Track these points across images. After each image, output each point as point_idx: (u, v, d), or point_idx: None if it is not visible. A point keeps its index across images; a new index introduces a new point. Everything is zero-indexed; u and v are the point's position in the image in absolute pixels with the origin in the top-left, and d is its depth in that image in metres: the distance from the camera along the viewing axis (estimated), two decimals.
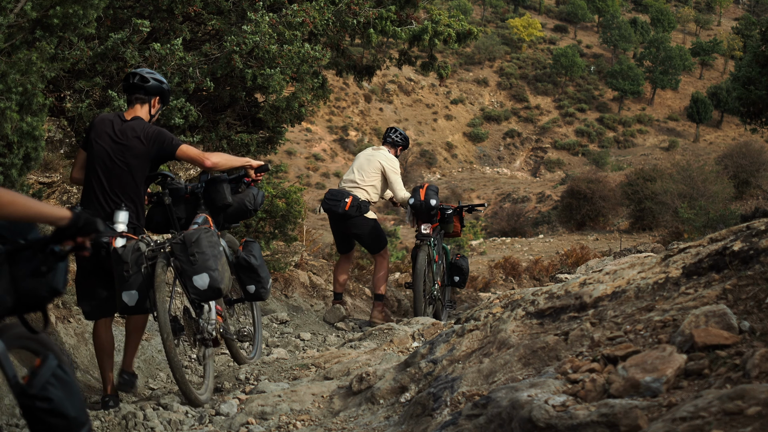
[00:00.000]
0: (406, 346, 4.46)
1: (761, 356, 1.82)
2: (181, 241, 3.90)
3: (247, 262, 4.57)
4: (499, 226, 35.58)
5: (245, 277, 4.63)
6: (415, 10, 8.70)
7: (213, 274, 3.87)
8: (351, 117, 61.97)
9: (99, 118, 4.18)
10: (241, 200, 4.56)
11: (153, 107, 4.23)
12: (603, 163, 55.40)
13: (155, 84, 4.18)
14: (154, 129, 4.13)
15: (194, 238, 3.89)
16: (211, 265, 3.87)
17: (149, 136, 4.08)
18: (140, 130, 4.09)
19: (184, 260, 3.89)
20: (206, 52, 6.54)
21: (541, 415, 1.97)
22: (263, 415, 3.53)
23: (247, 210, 4.60)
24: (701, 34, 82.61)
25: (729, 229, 2.78)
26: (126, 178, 4.06)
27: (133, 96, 4.16)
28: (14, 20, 3.43)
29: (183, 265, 3.89)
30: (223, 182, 4.41)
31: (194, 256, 3.87)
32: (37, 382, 2.07)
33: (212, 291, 3.91)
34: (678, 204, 19.91)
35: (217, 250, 3.95)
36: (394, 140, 7.04)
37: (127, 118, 4.13)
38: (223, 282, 3.93)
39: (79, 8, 3.65)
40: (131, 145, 4.05)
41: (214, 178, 4.43)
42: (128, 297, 3.81)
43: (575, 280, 3.12)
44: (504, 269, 14.84)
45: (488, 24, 79.41)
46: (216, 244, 3.97)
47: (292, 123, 8.09)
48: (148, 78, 4.16)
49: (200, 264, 3.86)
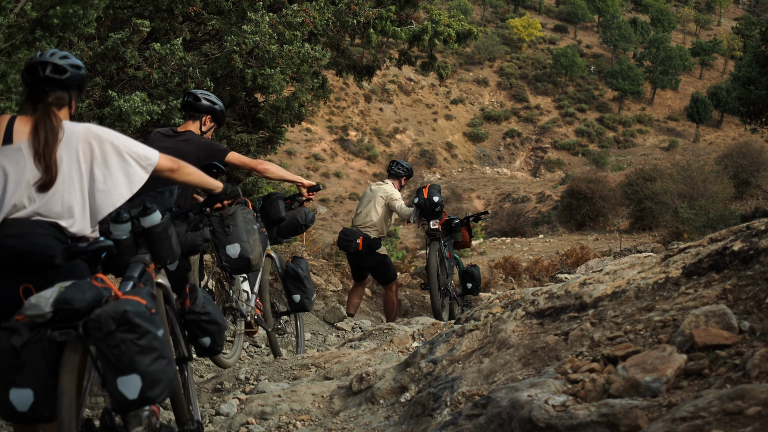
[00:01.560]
0: (406, 346, 4.46)
1: (761, 356, 1.82)
2: (219, 215, 4.17)
3: (294, 272, 5.02)
4: (499, 226, 35.58)
5: (292, 287, 5.04)
6: (415, 10, 8.70)
7: (244, 245, 4.17)
8: (351, 117, 61.97)
9: (154, 131, 4.63)
10: (294, 216, 5.02)
11: (204, 124, 4.64)
12: (603, 163, 55.41)
13: (207, 104, 4.62)
14: (205, 139, 4.58)
15: (231, 212, 4.19)
16: (243, 237, 4.18)
17: (200, 144, 4.51)
18: (191, 139, 4.53)
19: (220, 231, 4.18)
20: (206, 52, 6.54)
21: (541, 415, 1.97)
22: (263, 415, 3.53)
23: (299, 225, 5.06)
24: (701, 34, 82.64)
25: (729, 229, 2.78)
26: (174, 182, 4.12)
27: (186, 112, 4.64)
28: (14, 20, 3.43)
29: (218, 235, 4.18)
30: (279, 198, 4.87)
31: (229, 228, 4.18)
32: (198, 302, 3.08)
33: (242, 260, 4.19)
34: (678, 204, 19.91)
35: (250, 225, 4.26)
36: (397, 172, 7.42)
37: (179, 131, 4.59)
38: (253, 253, 4.21)
39: (79, 8, 3.65)
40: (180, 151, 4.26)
41: (271, 194, 4.91)
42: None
43: (575, 280, 3.12)
44: (504, 269, 14.84)
45: (488, 24, 79.41)
46: (250, 220, 4.27)
47: (292, 123, 8.10)
48: (201, 98, 4.61)
49: (233, 235, 4.17)
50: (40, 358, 2.37)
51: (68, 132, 2.73)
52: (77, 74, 2.82)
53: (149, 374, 2.36)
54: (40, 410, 2.41)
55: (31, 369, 2.37)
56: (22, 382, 2.37)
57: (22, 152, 2.68)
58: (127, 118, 5.86)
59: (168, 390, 2.43)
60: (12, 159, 2.67)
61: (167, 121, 6.32)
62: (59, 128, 2.71)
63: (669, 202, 21.43)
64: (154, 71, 6.18)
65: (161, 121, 6.37)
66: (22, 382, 2.37)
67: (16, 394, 2.37)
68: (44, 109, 2.72)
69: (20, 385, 2.37)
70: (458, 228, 7.25)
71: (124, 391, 2.35)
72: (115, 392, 2.35)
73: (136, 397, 2.35)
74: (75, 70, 2.81)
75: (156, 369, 2.37)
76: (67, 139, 2.73)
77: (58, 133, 2.70)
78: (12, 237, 2.59)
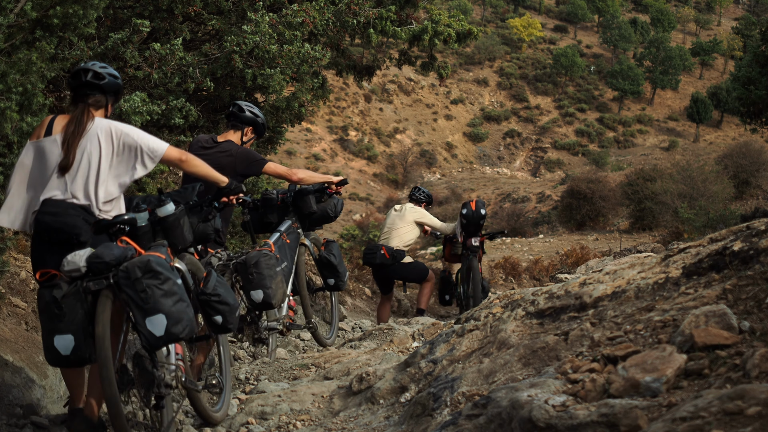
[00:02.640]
0: (406, 346, 4.46)
1: (761, 356, 1.81)
2: (243, 262, 4.49)
3: (327, 260, 5.40)
4: (499, 226, 35.56)
5: (326, 272, 5.46)
6: (415, 10, 8.70)
7: (267, 291, 4.47)
8: (351, 117, 61.95)
9: (195, 139, 4.83)
10: (324, 208, 5.29)
11: (245, 135, 4.81)
12: (603, 163, 55.39)
13: (250, 116, 4.80)
14: (244, 148, 4.74)
15: (254, 261, 4.48)
16: (266, 284, 4.47)
17: (239, 153, 4.67)
18: (230, 148, 4.69)
19: (244, 278, 4.49)
20: (206, 52, 6.53)
21: (541, 415, 1.97)
22: (263, 415, 3.53)
23: (329, 216, 5.34)
24: (701, 34, 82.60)
25: (729, 229, 2.78)
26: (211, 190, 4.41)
27: (230, 123, 4.81)
28: (14, 20, 3.43)
29: (243, 281, 4.52)
30: (309, 193, 5.16)
31: (252, 276, 4.47)
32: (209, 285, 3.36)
33: (265, 305, 4.51)
34: (678, 204, 19.89)
35: (272, 270, 4.54)
36: (419, 198, 7.83)
37: (219, 140, 4.74)
38: (275, 298, 4.51)
39: (79, 8, 3.65)
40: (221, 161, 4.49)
41: (301, 190, 5.16)
42: None
43: (575, 280, 3.12)
44: (504, 269, 14.84)
45: (488, 24, 79.38)
46: (272, 265, 4.56)
47: (292, 123, 8.09)
48: (245, 109, 4.80)
49: (256, 282, 4.46)
50: (78, 307, 2.85)
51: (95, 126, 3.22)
52: (114, 82, 3.32)
53: (172, 314, 2.85)
54: (81, 353, 2.88)
55: (71, 317, 2.83)
56: (64, 329, 2.84)
57: (56, 142, 3.19)
58: (127, 118, 5.85)
59: (189, 329, 2.91)
60: (49, 148, 3.19)
61: (167, 121, 6.32)
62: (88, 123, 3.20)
63: (669, 202, 21.40)
64: (154, 71, 6.17)
65: (161, 121, 6.37)
66: (63, 329, 2.84)
67: (60, 340, 2.84)
68: (82, 108, 3.24)
69: (62, 332, 2.84)
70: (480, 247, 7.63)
71: (152, 329, 2.83)
72: (145, 331, 2.84)
73: (162, 334, 2.84)
74: (112, 78, 3.31)
75: (178, 309, 2.88)
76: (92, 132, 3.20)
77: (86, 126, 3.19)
78: (49, 215, 3.08)
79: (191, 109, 6.40)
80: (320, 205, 5.27)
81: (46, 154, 3.18)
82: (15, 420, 3.55)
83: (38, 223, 3.09)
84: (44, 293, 2.88)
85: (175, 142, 6.82)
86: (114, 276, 2.86)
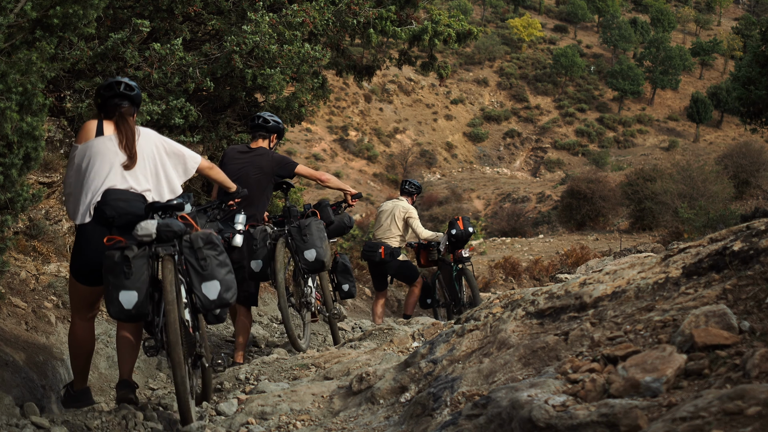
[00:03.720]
0: (406, 346, 4.46)
1: (761, 356, 1.82)
2: (297, 226, 5.24)
3: (344, 266, 6.15)
4: (499, 226, 35.58)
5: (341, 278, 6.10)
6: (415, 10, 8.70)
7: (318, 250, 5.17)
8: (351, 117, 61.95)
9: (230, 148, 5.64)
10: (341, 220, 5.93)
11: (272, 141, 5.64)
12: (603, 163, 55.38)
13: (274, 125, 5.60)
14: (278, 154, 5.59)
15: (307, 223, 5.24)
16: (317, 243, 5.17)
17: (274, 159, 5.49)
18: (265, 155, 5.50)
19: (298, 239, 5.21)
20: (206, 52, 6.53)
21: (541, 415, 1.97)
22: (263, 415, 3.53)
23: (345, 227, 5.98)
24: (701, 34, 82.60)
25: (729, 229, 2.78)
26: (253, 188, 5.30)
27: (258, 133, 5.58)
28: (14, 20, 3.43)
29: (297, 242, 5.21)
30: (328, 206, 5.81)
31: (306, 236, 5.19)
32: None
33: (318, 263, 5.19)
34: (678, 204, 19.89)
35: (323, 233, 5.27)
36: (409, 190, 8.23)
37: (252, 147, 5.55)
38: (326, 257, 5.20)
39: (79, 8, 3.64)
40: (258, 164, 5.43)
41: (320, 202, 5.81)
42: (255, 264, 5.18)
43: (575, 280, 3.12)
44: (504, 269, 14.84)
45: (488, 24, 79.39)
46: (322, 230, 5.28)
47: (292, 123, 8.09)
48: (269, 120, 5.59)
49: (310, 242, 5.17)
50: (144, 268, 3.27)
51: (144, 134, 3.79)
52: (139, 94, 3.87)
53: (225, 281, 3.35)
54: (141, 308, 3.29)
55: (137, 276, 3.25)
56: (130, 285, 3.25)
57: (112, 140, 3.69)
58: None
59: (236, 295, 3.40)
60: (104, 145, 3.66)
61: (167, 121, 6.32)
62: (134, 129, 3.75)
63: (669, 202, 21.39)
64: (154, 71, 6.17)
65: (161, 121, 6.36)
66: (129, 285, 3.25)
67: (125, 295, 3.25)
68: (120, 115, 3.74)
69: (128, 288, 3.25)
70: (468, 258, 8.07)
71: (207, 293, 3.33)
72: (200, 294, 3.34)
73: (215, 298, 3.33)
74: (138, 91, 3.87)
75: (229, 278, 3.37)
76: (144, 139, 3.76)
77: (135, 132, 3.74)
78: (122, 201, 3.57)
79: (191, 109, 6.40)
80: (337, 217, 5.86)
81: (103, 151, 3.64)
82: (15, 420, 3.55)
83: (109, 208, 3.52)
84: (114, 254, 3.28)
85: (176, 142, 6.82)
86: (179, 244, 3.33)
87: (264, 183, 5.45)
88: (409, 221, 7.92)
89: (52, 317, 4.69)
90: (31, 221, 5.48)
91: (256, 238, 5.19)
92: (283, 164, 5.48)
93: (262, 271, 5.18)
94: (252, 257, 5.17)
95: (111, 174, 3.61)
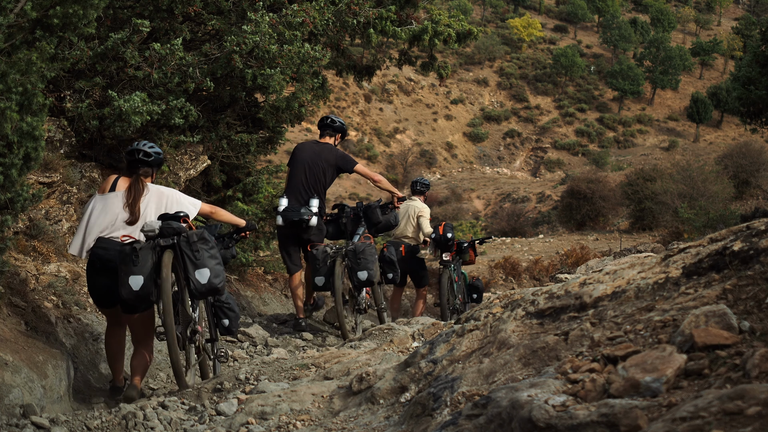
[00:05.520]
0: (406, 346, 4.46)
1: (761, 356, 1.82)
2: (353, 250, 6.19)
3: (389, 258, 7.20)
4: (499, 226, 35.59)
5: (387, 268, 7.19)
6: (415, 10, 8.70)
7: (370, 272, 6.19)
8: (351, 117, 61.94)
9: (301, 143, 6.75)
10: (387, 219, 6.83)
11: (336, 140, 6.75)
12: (603, 163, 55.36)
13: (340, 125, 6.74)
14: (341, 151, 6.66)
15: (362, 248, 6.18)
16: (370, 266, 6.18)
17: (338, 154, 6.59)
18: (332, 149, 6.60)
19: (354, 261, 6.19)
20: (206, 52, 6.53)
21: (541, 415, 1.97)
22: (263, 415, 3.53)
23: (392, 225, 6.96)
24: (701, 34, 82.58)
25: (729, 229, 2.78)
26: (319, 177, 6.48)
27: (326, 131, 6.70)
28: (14, 20, 3.42)
29: (352, 264, 6.20)
30: (377, 207, 6.76)
31: (360, 260, 6.17)
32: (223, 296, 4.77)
33: (368, 282, 6.24)
34: (678, 204, 19.88)
35: (374, 257, 6.24)
36: (420, 189, 8.83)
37: (321, 142, 6.64)
38: (375, 277, 6.26)
39: (79, 8, 3.64)
40: (324, 156, 6.50)
41: (370, 204, 6.82)
42: (318, 280, 6.21)
43: (575, 280, 3.12)
44: (504, 269, 14.84)
45: (488, 24, 79.38)
46: (374, 253, 6.24)
47: (292, 123, 8.09)
48: (336, 121, 6.72)
49: (363, 265, 6.17)
50: (149, 257, 4.05)
51: (152, 191, 4.51)
52: (158, 158, 4.58)
53: (213, 269, 4.10)
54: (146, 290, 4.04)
55: (143, 263, 4.02)
56: (137, 271, 4.01)
57: (119, 197, 4.45)
58: (127, 118, 5.85)
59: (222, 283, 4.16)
60: (113, 200, 4.44)
61: (167, 121, 6.32)
62: (143, 190, 4.47)
63: (669, 202, 21.38)
64: (154, 71, 6.17)
65: (161, 121, 6.36)
66: (137, 271, 4.01)
67: (133, 279, 4.01)
68: (136, 177, 4.50)
69: (136, 273, 4.01)
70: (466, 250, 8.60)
71: (199, 278, 4.08)
72: (194, 279, 4.07)
73: (206, 282, 4.08)
74: (157, 156, 4.57)
75: (217, 268, 4.13)
76: (149, 195, 4.48)
77: (142, 193, 4.46)
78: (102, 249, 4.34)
79: (191, 109, 6.40)
80: (384, 216, 6.75)
81: (110, 206, 4.42)
82: (15, 420, 3.55)
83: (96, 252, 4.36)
84: (126, 248, 4.07)
85: (176, 142, 6.82)
86: (177, 239, 4.09)
87: (328, 172, 6.49)
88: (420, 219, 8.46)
89: (52, 317, 4.69)
90: (31, 221, 5.48)
91: (318, 258, 6.18)
92: (346, 160, 6.57)
93: (325, 284, 6.21)
94: (315, 274, 6.21)
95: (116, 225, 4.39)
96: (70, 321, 4.85)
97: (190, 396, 4.13)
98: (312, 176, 6.46)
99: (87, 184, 6.30)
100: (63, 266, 5.38)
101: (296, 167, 6.53)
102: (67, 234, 5.74)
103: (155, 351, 5.28)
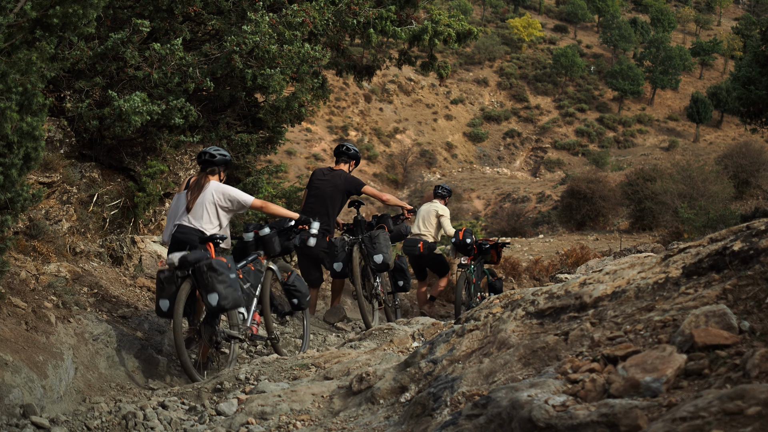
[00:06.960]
0: (406, 346, 4.46)
1: (761, 356, 1.81)
2: (369, 236, 6.96)
3: (401, 266, 7.52)
4: (499, 226, 35.57)
5: (398, 275, 7.55)
6: (415, 10, 8.69)
7: (385, 256, 6.91)
8: (351, 117, 61.91)
9: (317, 169, 7.48)
10: (398, 229, 7.44)
11: (351, 166, 7.41)
12: (603, 163, 55.32)
13: (354, 152, 7.42)
14: (351, 176, 7.28)
15: (376, 234, 6.94)
16: (384, 250, 6.91)
17: (347, 179, 7.23)
18: (341, 175, 7.25)
19: (369, 246, 6.93)
20: (206, 52, 6.53)
21: (541, 415, 1.97)
22: (263, 415, 3.53)
23: (403, 235, 7.62)
24: (701, 34, 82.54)
25: (729, 229, 2.78)
26: (328, 201, 7.17)
27: (341, 158, 7.35)
28: (14, 20, 3.42)
29: (368, 249, 6.95)
30: (389, 218, 7.40)
31: (375, 245, 6.91)
32: (291, 279, 5.82)
33: (384, 265, 6.92)
34: (678, 204, 19.86)
35: (388, 242, 6.98)
36: (441, 194, 9.34)
37: (334, 169, 7.30)
38: (390, 261, 6.96)
39: (79, 8, 3.64)
40: (334, 182, 7.18)
41: (383, 215, 7.44)
42: (337, 266, 6.89)
43: (575, 280, 3.12)
44: (504, 269, 14.82)
45: (488, 24, 79.34)
46: (388, 239, 6.99)
47: (292, 123, 8.09)
48: (351, 149, 7.40)
49: (378, 249, 6.90)
50: (172, 285, 4.95)
51: (211, 187, 5.32)
52: (222, 159, 5.42)
53: (222, 293, 4.84)
54: (344, 271, 6.64)
55: (168, 290, 4.95)
56: (165, 296, 4.95)
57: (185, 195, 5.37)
58: (127, 117, 5.85)
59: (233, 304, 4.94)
60: (183, 197, 5.37)
61: (167, 121, 6.31)
62: (205, 186, 5.33)
63: (669, 202, 21.36)
64: (154, 71, 6.17)
65: (161, 121, 6.36)
66: (165, 296, 4.95)
67: (162, 302, 4.96)
68: (203, 175, 5.39)
69: (164, 297, 4.96)
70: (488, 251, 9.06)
71: (210, 301, 4.84)
72: (206, 301, 4.87)
73: (215, 304, 4.85)
74: (222, 157, 5.41)
75: (226, 292, 4.87)
76: (208, 191, 5.31)
77: (203, 188, 5.32)
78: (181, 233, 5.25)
79: (191, 109, 6.40)
80: (396, 227, 7.36)
81: (181, 199, 5.36)
82: (15, 420, 3.55)
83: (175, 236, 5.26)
84: (159, 275, 5.02)
85: (176, 142, 6.82)
86: (192, 270, 4.92)
87: (336, 197, 7.18)
88: (441, 219, 9.00)
89: (52, 317, 4.68)
90: (31, 221, 5.48)
91: (336, 245, 6.85)
92: (354, 184, 7.21)
93: (343, 270, 6.87)
94: (334, 260, 6.85)
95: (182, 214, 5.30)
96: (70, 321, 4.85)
97: (190, 396, 4.13)
98: (321, 200, 7.17)
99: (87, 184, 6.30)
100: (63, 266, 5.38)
101: (309, 192, 7.33)
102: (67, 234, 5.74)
103: (155, 351, 5.28)
